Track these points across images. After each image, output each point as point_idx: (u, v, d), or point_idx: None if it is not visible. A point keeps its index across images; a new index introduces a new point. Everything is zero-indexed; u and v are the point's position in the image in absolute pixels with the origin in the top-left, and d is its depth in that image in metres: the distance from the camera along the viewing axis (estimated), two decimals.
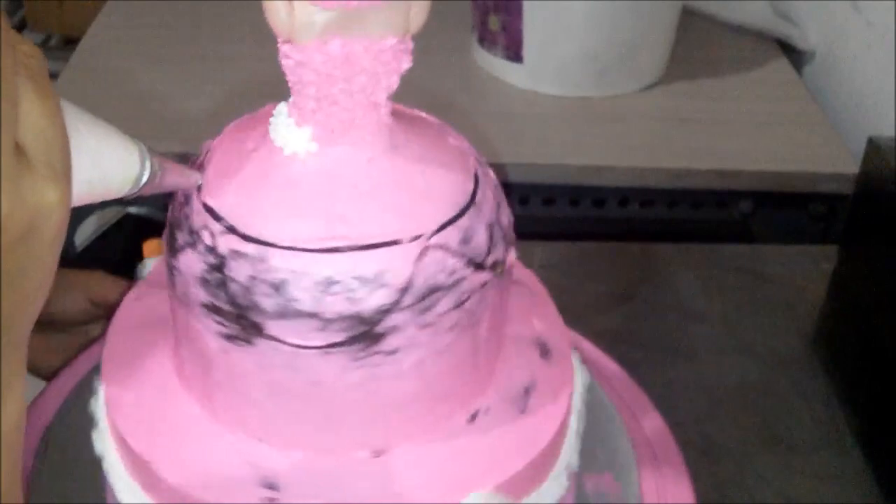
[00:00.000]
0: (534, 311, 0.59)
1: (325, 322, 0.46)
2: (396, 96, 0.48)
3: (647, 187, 1.06)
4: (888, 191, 0.79)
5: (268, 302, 0.46)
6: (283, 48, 0.45)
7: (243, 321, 0.47)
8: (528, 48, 1.12)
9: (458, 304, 0.48)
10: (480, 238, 0.48)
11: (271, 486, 0.49)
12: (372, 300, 0.45)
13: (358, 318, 0.46)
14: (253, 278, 0.46)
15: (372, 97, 0.46)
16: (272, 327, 0.46)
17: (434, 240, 0.46)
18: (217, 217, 0.47)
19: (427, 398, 0.50)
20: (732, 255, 0.99)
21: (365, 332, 0.46)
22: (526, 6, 1.09)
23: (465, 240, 0.48)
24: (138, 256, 0.73)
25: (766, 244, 1.05)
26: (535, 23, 1.10)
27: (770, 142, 1.09)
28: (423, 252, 0.46)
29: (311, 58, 0.45)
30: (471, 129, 0.55)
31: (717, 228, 1.09)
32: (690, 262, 0.97)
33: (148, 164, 0.42)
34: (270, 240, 0.46)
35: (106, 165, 0.39)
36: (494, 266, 0.49)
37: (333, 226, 0.46)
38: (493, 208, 0.50)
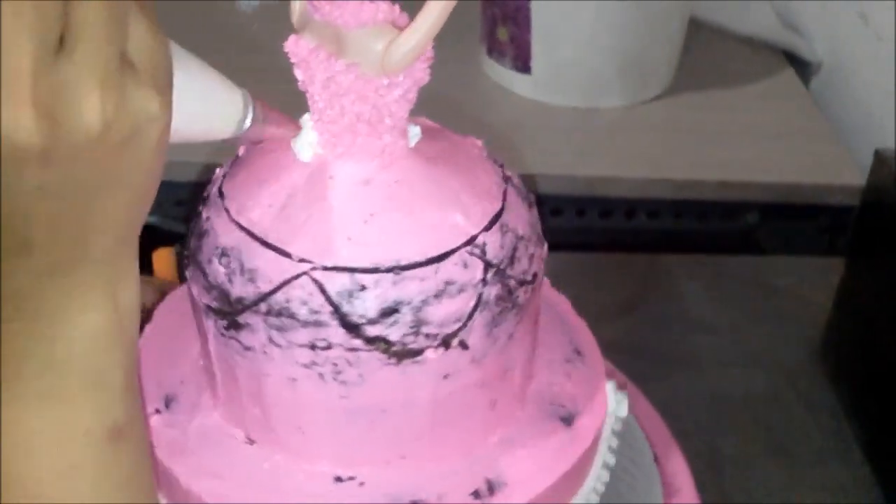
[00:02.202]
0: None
1: (210, 286, 0.49)
2: None
3: (654, 198, 1.06)
4: (894, 203, 0.80)
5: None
6: (289, 41, 0.46)
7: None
8: (536, 59, 1.13)
9: (312, 347, 0.47)
10: (370, 302, 0.47)
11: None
12: (239, 289, 0.47)
13: (227, 299, 0.48)
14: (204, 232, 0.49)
15: (366, 119, 0.47)
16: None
17: (319, 275, 0.46)
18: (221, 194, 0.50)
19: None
20: (739, 266, 0.99)
21: (228, 313, 0.48)
22: (534, 17, 1.09)
23: (350, 294, 0.46)
24: (148, 266, 0.73)
25: (773, 255, 1.05)
26: (543, 34, 1.11)
27: (777, 153, 1.09)
28: (298, 277, 0.47)
29: (308, 61, 0.46)
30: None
31: (724, 239, 1.09)
32: (697, 272, 0.97)
33: (251, 109, 0.44)
34: (235, 216, 0.49)
35: (210, 102, 0.42)
36: (375, 340, 0.47)
37: (279, 226, 0.47)
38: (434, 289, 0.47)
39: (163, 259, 0.73)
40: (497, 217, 0.49)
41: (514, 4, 1.10)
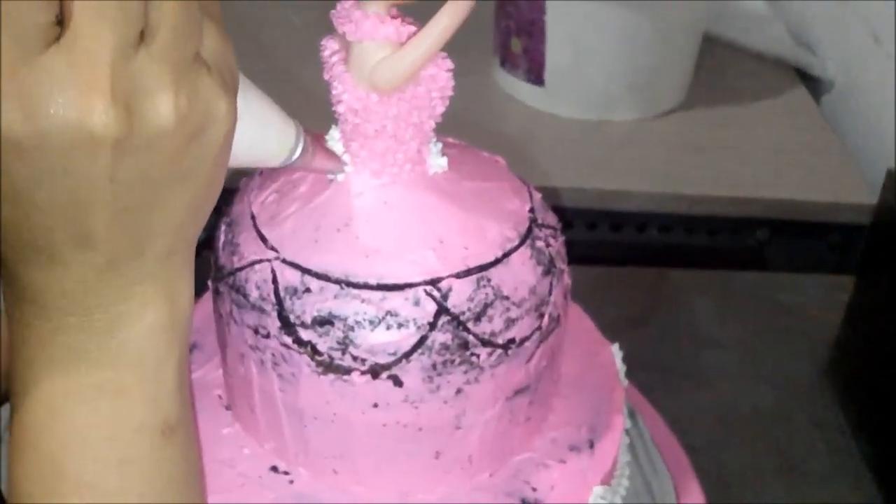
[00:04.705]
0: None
1: (214, 248, 0.51)
2: None
3: (665, 213, 1.06)
4: None
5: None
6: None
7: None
8: (550, 71, 1.13)
9: (256, 331, 0.49)
10: (309, 307, 0.47)
11: None
12: (224, 258, 0.50)
13: (217, 264, 0.51)
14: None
15: (361, 131, 0.47)
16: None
17: (277, 266, 0.48)
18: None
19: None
20: (748, 282, 0.99)
21: (215, 277, 0.51)
22: (548, 29, 1.10)
23: (295, 292, 0.48)
24: None
25: (782, 272, 1.05)
26: (557, 46, 1.11)
27: (787, 170, 1.09)
28: (261, 262, 0.48)
29: (327, 63, 0.48)
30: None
31: (734, 255, 1.09)
32: (706, 288, 0.97)
33: (302, 140, 0.45)
34: (250, 193, 0.51)
35: (268, 129, 0.42)
36: (305, 344, 0.47)
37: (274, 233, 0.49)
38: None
39: None
40: (480, 269, 0.48)
41: (529, 17, 1.10)
